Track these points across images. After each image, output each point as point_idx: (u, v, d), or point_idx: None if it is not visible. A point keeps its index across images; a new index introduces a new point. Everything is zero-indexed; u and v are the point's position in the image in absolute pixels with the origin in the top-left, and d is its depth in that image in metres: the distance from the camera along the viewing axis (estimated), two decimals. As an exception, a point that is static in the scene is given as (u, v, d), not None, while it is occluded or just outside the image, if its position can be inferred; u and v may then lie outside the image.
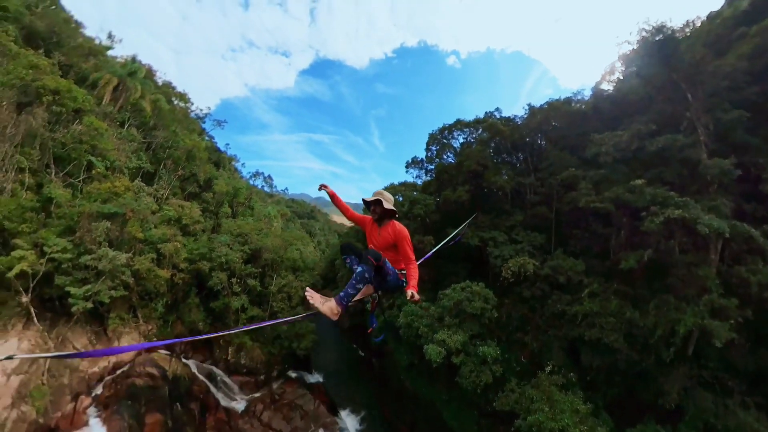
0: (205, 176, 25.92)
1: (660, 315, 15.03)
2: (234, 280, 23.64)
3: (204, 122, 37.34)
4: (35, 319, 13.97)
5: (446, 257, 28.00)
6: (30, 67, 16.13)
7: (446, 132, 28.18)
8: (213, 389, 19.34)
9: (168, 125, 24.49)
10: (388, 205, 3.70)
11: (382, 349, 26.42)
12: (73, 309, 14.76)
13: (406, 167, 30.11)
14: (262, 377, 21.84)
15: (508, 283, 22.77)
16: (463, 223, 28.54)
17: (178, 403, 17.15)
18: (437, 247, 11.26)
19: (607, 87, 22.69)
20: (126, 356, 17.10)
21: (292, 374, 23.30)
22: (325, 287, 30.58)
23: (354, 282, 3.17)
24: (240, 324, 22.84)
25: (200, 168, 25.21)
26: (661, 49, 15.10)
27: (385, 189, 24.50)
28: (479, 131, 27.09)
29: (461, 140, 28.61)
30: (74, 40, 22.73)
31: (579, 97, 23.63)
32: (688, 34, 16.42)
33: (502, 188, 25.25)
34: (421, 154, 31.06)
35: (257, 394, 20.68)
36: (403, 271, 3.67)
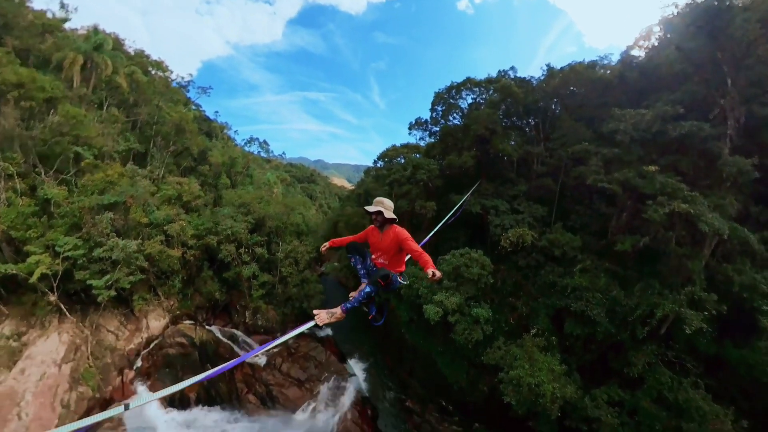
0: (198, 149, 24.70)
1: (643, 297, 16.16)
2: (242, 250, 24.70)
3: (188, 91, 33.80)
4: (67, 313, 15.19)
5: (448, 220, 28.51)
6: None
7: (453, 91, 25.64)
8: (237, 349, 22.06)
9: (150, 99, 22.25)
10: (389, 213, 3.98)
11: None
12: (99, 299, 15.95)
13: (410, 129, 28.34)
14: (278, 335, 24.52)
15: (505, 252, 23.72)
16: (466, 189, 28.31)
17: (208, 365, 19.76)
18: (437, 227, 11.63)
19: (639, 53, 19.73)
20: (156, 330, 19.11)
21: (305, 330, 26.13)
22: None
23: (360, 298, 3.87)
24: (252, 290, 24.74)
25: (192, 141, 23.84)
26: (712, 20, 12.76)
27: (387, 151, 23.62)
28: (490, 92, 24.60)
29: (470, 100, 26.24)
30: (23, 18, 18.91)
31: (605, 62, 20.75)
32: (746, 6, 13.40)
33: (509, 156, 24.26)
34: (426, 114, 28.90)
35: (276, 350, 23.57)
36: (404, 273, 4.27)
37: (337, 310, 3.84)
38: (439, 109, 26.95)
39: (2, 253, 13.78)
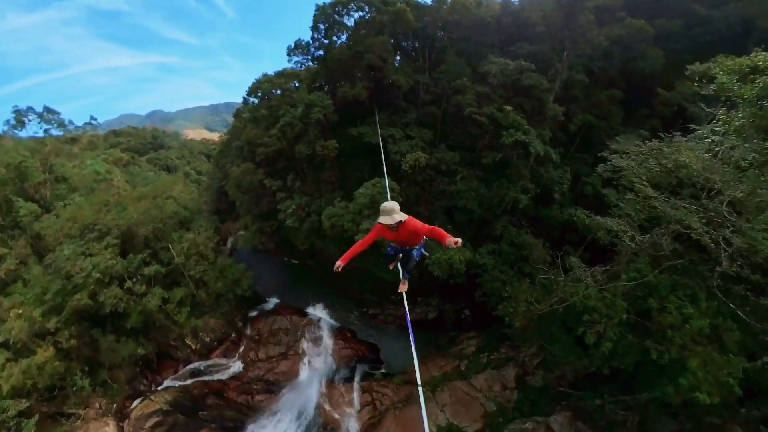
0: None
1: (498, 191, 26.38)
2: (128, 283, 17.44)
3: None
4: None
5: (348, 155, 29.14)
6: None
7: (340, 6, 20.74)
8: (209, 378, 19.73)
9: None
10: (403, 217, 4.52)
11: (311, 250, 29.89)
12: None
13: (288, 54, 22.26)
14: (233, 335, 22.68)
15: (406, 173, 28.80)
16: (361, 120, 28.63)
17: (200, 411, 17.79)
18: (387, 189, 15.41)
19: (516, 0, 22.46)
20: (113, 442, 14.11)
21: (254, 313, 24.83)
22: (224, 221, 26.25)
23: (410, 270, 5.96)
24: (174, 315, 19.56)
25: None
26: (568, 2, 17.35)
27: (259, 83, 22.58)
28: (382, 14, 21.87)
29: (357, 17, 22.37)
30: None
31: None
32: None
33: (401, 86, 25.41)
34: (294, 21, 23.27)
35: (242, 349, 22.47)
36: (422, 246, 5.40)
37: (405, 282, 6.06)
38: (322, 27, 21.91)
39: None
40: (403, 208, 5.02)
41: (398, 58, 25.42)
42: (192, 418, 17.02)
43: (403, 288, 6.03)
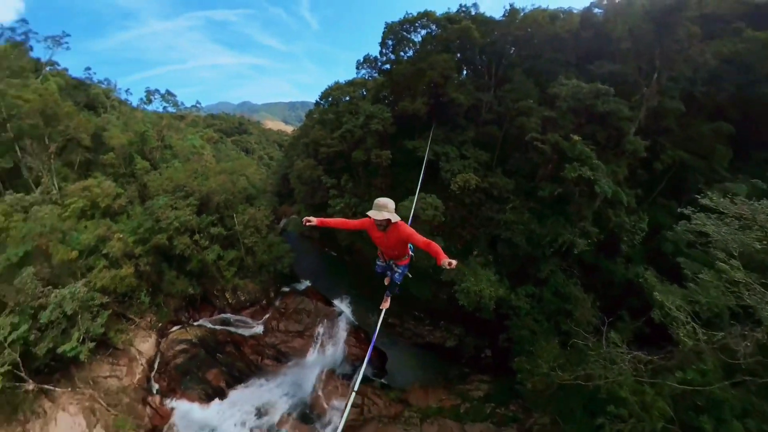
0: (88, 134, 16.73)
1: (552, 229, 23.23)
2: (197, 236, 22.19)
3: (30, 48, 18.07)
4: (54, 388, 13.50)
5: (401, 165, 30.05)
6: None
7: (408, 24, 22.24)
8: (233, 330, 23.19)
9: None
10: (395, 218, 4.22)
11: (351, 248, 31.97)
12: (81, 357, 14.27)
13: (357, 67, 24.76)
14: (264, 302, 26.03)
15: (454, 192, 27.98)
16: (417, 134, 29.26)
17: (218, 354, 21.07)
18: (412, 210, 14.55)
19: (599, 11, 20.15)
20: (150, 351, 18.33)
21: (286, 289, 27.99)
22: (282, 203, 30.48)
23: (394, 287, 5.68)
24: (223, 271, 23.86)
25: (74, 125, 15.77)
26: (662, 12, 14.46)
27: (330, 89, 23.64)
28: (447, 32, 22.44)
29: (424, 33, 23.48)
30: None
31: (567, 8, 20.72)
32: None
33: (462, 104, 25.13)
34: (370, 33, 25.05)
35: (267, 315, 25.58)
36: (405, 267, 5.34)
37: (386, 298, 5.90)
38: (390, 42, 23.71)
39: None
40: (446, 228, 5.23)
41: (465, 73, 25.20)
42: (211, 356, 20.55)
43: (384, 305, 5.94)
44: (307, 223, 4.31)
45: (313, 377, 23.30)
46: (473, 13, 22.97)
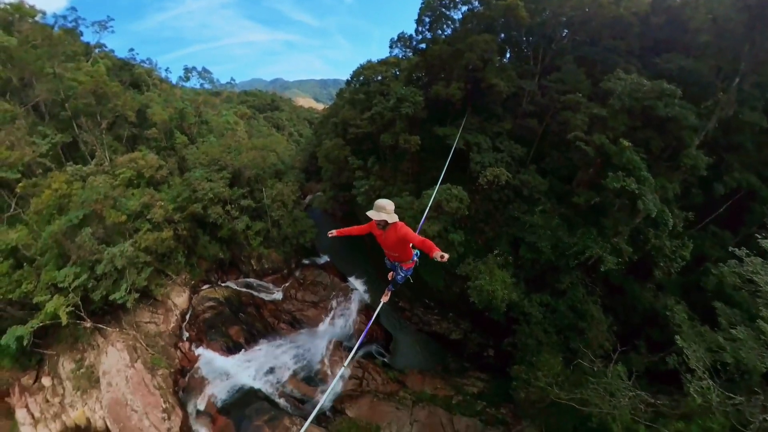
0: (133, 111, 18.57)
1: (581, 239, 21.43)
2: (228, 207, 24.24)
3: (81, 33, 20.06)
4: (106, 327, 16.47)
5: (430, 152, 29.02)
6: None
7: (447, 0, 20.11)
8: (255, 293, 25.73)
9: (40, 69, 14.24)
10: (392, 218, 4.31)
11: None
12: (127, 304, 17.04)
13: (391, 46, 23.44)
14: (285, 271, 28.21)
15: (482, 186, 26.67)
16: (450, 120, 27.74)
17: (241, 313, 23.74)
18: (429, 205, 14.35)
19: None
20: (183, 304, 21.27)
21: (306, 261, 29.90)
22: (309, 180, 31.50)
23: (398, 283, 5.90)
24: (250, 239, 26.09)
25: (122, 104, 17.58)
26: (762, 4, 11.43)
27: (362, 68, 23.26)
28: (491, 9, 19.94)
29: (465, 9, 21.17)
30: None
31: None
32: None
33: (500, 91, 22.98)
34: (406, 8, 23.09)
35: (287, 284, 27.81)
36: (409, 270, 5.54)
37: (388, 292, 6.25)
38: (427, 19, 21.84)
39: (14, 316, 13.18)
40: (469, 222, 5.39)
41: (508, 56, 22.65)
42: (234, 314, 23.36)
43: (385, 299, 6.23)
44: (331, 236, 5.01)
45: (322, 346, 25.46)
46: None
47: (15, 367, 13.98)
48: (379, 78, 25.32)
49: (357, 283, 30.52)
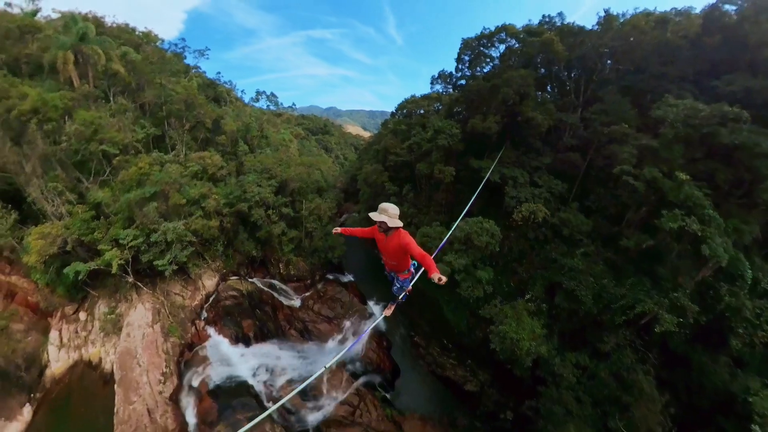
0: (211, 120, 24.06)
1: (631, 291, 17.74)
2: (270, 211, 27.11)
3: (184, 57, 29.79)
4: (143, 287, 19.17)
5: (465, 183, 28.67)
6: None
7: (485, 40, 21.65)
8: (276, 295, 26.96)
9: (151, 80, 20.67)
10: (393, 222, 4.18)
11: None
12: (166, 273, 19.65)
13: (431, 83, 25.59)
14: (308, 281, 29.21)
15: (516, 223, 24.74)
16: (487, 153, 27.45)
17: (257, 310, 24.92)
18: (448, 234, 13.26)
19: (731, 8, 14.91)
20: (210, 288, 23.55)
21: (330, 276, 30.60)
22: (347, 200, 33.53)
23: (401, 297, 5.92)
24: (283, 245, 28.25)
25: (203, 113, 23.12)
26: None
27: (406, 102, 23.86)
28: (528, 46, 20.67)
29: (503, 48, 22.30)
30: None
31: (684, 9, 16.12)
32: None
33: (538, 125, 22.39)
34: (451, 49, 25.49)
35: (307, 294, 28.53)
36: (406, 281, 5.46)
37: (391, 306, 6.02)
38: (467, 57, 23.45)
39: (80, 255, 16.80)
40: (500, 260, 5.64)
41: (549, 90, 22.30)
42: (251, 309, 24.68)
43: (388, 312, 6.09)
44: (335, 233, 5.17)
45: (325, 363, 24.70)
46: (558, 23, 20.18)
47: (65, 295, 17.31)
48: (421, 111, 27.18)
49: (376, 309, 29.63)
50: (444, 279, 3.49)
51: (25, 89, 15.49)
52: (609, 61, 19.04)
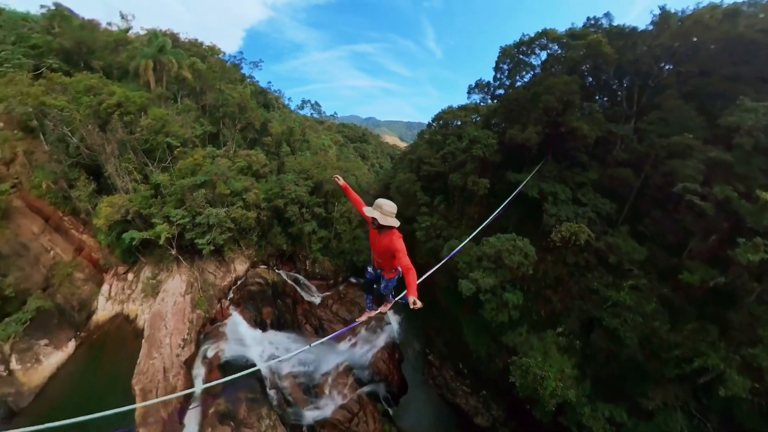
0: (259, 122, 27.20)
1: (690, 339, 14.30)
2: (304, 210, 28.86)
3: (241, 67, 35.31)
4: (183, 261, 21.78)
5: (500, 197, 26.77)
6: (87, 89, 17.99)
7: (524, 47, 20.55)
8: (299, 289, 28.12)
9: (212, 85, 24.62)
10: (385, 220, 3.94)
11: (425, 267, 31.25)
12: (203, 252, 22.09)
13: (468, 92, 25.02)
14: (331, 281, 29.92)
15: (554, 244, 22.17)
16: (526, 166, 25.54)
17: (279, 300, 26.24)
18: (461, 245, 12.34)
19: None
20: (240, 272, 25.67)
21: (353, 279, 30.91)
22: (380, 208, 33.83)
23: (391, 298, 5.52)
24: (312, 243, 29.62)
25: (254, 116, 26.35)
26: None
27: (443, 113, 23.42)
28: (571, 50, 19.01)
29: (544, 56, 20.87)
30: (96, 40, 22.38)
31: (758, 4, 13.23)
32: None
33: (584, 136, 20.13)
34: (488, 61, 24.54)
35: (328, 293, 29.17)
36: (392, 281, 4.92)
37: (387, 303, 5.67)
38: (505, 66, 22.44)
39: (137, 225, 20.06)
40: (532, 284, 5.74)
41: (598, 100, 19.93)
42: (273, 298, 26.11)
43: (384, 309, 5.78)
44: (335, 179, 4.55)
45: (333, 363, 24.64)
46: (606, 25, 17.98)
47: (120, 257, 20.73)
48: (458, 123, 26.69)
49: (393, 318, 28.86)
50: (419, 304, 3.13)
51: (113, 88, 20.00)
52: (667, 66, 16.25)
